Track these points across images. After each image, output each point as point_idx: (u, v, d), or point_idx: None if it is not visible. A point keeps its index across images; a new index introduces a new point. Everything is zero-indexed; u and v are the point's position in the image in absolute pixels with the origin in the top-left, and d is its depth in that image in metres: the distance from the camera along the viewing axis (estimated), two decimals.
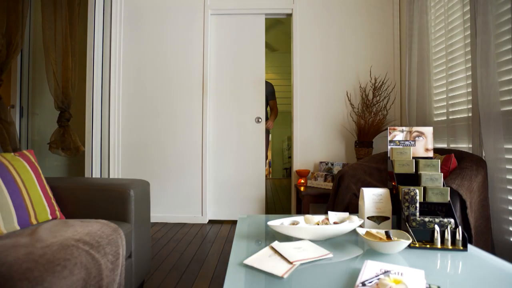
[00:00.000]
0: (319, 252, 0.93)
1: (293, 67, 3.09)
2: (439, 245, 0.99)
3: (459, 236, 0.99)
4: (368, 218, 1.17)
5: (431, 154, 1.29)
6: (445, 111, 2.18)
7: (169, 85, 3.13)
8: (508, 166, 1.57)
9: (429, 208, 1.14)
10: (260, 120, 3.14)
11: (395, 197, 1.20)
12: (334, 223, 1.13)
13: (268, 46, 5.98)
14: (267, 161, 6.94)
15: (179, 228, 2.87)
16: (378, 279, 0.71)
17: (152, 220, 3.07)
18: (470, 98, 1.83)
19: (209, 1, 3.11)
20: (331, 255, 0.92)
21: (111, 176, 3.05)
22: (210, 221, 3.12)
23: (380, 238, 0.96)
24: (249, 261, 0.87)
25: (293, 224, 1.13)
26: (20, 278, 0.82)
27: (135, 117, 3.13)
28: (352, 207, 1.97)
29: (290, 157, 6.70)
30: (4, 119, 2.46)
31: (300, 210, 2.98)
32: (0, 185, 1.19)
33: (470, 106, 1.84)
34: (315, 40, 3.08)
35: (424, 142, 1.30)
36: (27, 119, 3.23)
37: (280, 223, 1.12)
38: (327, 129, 3.07)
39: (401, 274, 0.74)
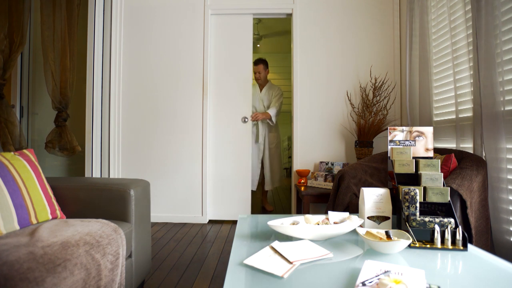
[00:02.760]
0: (319, 252, 0.93)
1: (293, 67, 3.09)
2: (439, 245, 0.99)
3: (459, 236, 0.99)
4: (368, 218, 1.17)
5: (431, 154, 1.29)
6: (446, 111, 2.18)
7: (169, 85, 3.13)
8: (508, 166, 1.57)
9: (429, 208, 1.14)
10: (246, 120, 3.15)
11: (395, 197, 1.20)
12: (334, 223, 1.13)
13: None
14: None
15: (179, 228, 2.87)
16: (378, 279, 0.71)
17: (152, 220, 3.07)
18: (471, 97, 1.83)
19: (209, 1, 3.11)
20: (331, 255, 0.92)
21: (111, 176, 3.05)
22: (210, 221, 3.12)
23: (380, 238, 0.96)
24: (249, 261, 0.87)
25: (293, 224, 1.13)
26: (21, 278, 0.82)
27: (135, 117, 3.13)
28: (352, 207, 1.97)
29: (290, 157, 6.70)
30: (7, 118, 2.46)
31: (300, 210, 2.98)
32: (0, 185, 1.19)
33: (471, 106, 1.83)
34: (315, 40, 3.08)
35: (424, 142, 1.30)
36: (27, 118, 3.23)
37: (280, 223, 1.12)
38: (327, 129, 3.07)
39: (401, 274, 0.74)
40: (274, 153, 3.67)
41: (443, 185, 1.15)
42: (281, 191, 5.11)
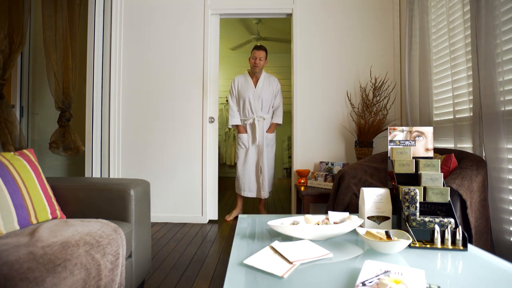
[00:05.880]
0: (319, 252, 0.93)
1: (293, 67, 3.09)
2: (439, 245, 0.99)
3: (459, 236, 0.99)
4: (368, 218, 1.17)
5: (431, 154, 1.29)
6: (446, 111, 2.18)
7: (169, 85, 3.13)
8: (508, 166, 1.57)
9: (429, 208, 1.14)
10: (213, 120, 3.12)
11: (395, 197, 1.20)
12: (334, 223, 1.13)
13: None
14: None
15: (179, 228, 2.87)
16: (378, 279, 0.71)
17: (152, 220, 3.07)
18: (471, 97, 1.83)
19: (209, 1, 3.11)
20: (331, 255, 0.92)
21: (111, 176, 3.05)
22: (210, 221, 3.12)
23: (380, 238, 0.96)
24: (249, 261, 0.87)
25: (293, 224, 1.13)
26: (21, 278, 0.82)
27: (135, 117, 3.13)
28: (352, 207, 1.97)
29: (290, 157, 6.71)
30: (7, 118, 2.46)
31: (300, 210, 2.98)
32: (0, 185, 1.19)
33: (471, 105, 1.83)
34: (315, 40, 3.08)
35: (424, 142, 1.30)
36: (27, 118, 3.23)
37: (280, 223, 1.12)
38: (327, 129, 3.07)
39: (401, 274, 0.74)
40: (272, 155, 3.27)
41: (443, 185, 1.15)
42: (281, 191, 5.11)
